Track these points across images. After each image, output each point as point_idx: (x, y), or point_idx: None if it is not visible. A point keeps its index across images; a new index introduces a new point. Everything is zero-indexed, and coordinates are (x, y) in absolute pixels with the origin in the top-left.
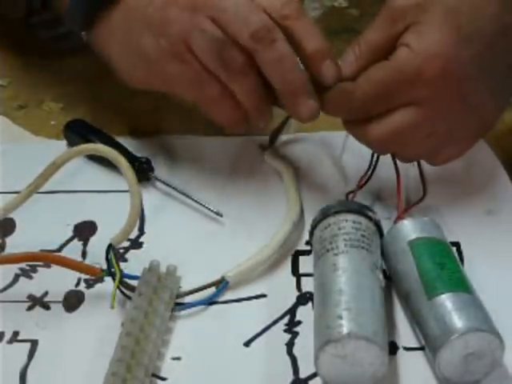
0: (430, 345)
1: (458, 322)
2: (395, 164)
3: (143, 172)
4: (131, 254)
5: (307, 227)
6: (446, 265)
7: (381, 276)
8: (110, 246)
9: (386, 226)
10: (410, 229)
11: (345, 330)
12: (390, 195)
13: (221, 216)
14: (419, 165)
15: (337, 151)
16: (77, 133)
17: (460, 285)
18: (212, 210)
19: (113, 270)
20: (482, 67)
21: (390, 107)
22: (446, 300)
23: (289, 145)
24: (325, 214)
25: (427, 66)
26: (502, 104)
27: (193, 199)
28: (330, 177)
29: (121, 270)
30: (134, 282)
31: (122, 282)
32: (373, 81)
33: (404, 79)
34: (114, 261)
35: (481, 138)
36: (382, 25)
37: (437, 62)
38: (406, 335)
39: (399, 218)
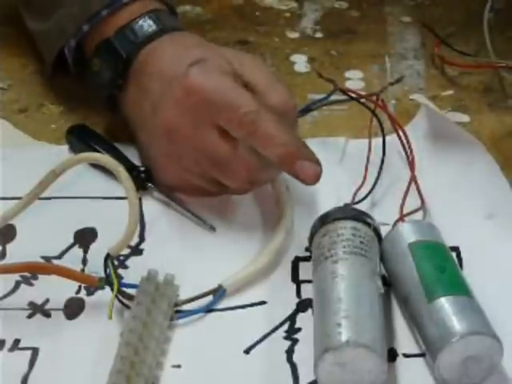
0: (429, 347)
1: (458, 324)
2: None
3: (141, 182)
4: (132, 261)
5: (298, 233)
6: (446, 268)
7: (380, 283)
8: (107, 256)
9: (383, 232)
10: (410, 231)
11: (343, 338)
12: (387, 201)
13: (214, 230)
14: (414, 176)
15: (333, 157)
16: (79, 139)
17: (460, 288)
18: (205, 222)
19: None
20: None
21: None
22: (447, 303)
23: None
24: (324, 221)
25: None
26: None
27: (188, 211)
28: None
29: (118, 281)
30: (132, 291)
31: (120, 292)
32: None
33: None
34: (111, 271)
35: None
36: None
37: None
38: (405, 342)
39: (400, 219)
